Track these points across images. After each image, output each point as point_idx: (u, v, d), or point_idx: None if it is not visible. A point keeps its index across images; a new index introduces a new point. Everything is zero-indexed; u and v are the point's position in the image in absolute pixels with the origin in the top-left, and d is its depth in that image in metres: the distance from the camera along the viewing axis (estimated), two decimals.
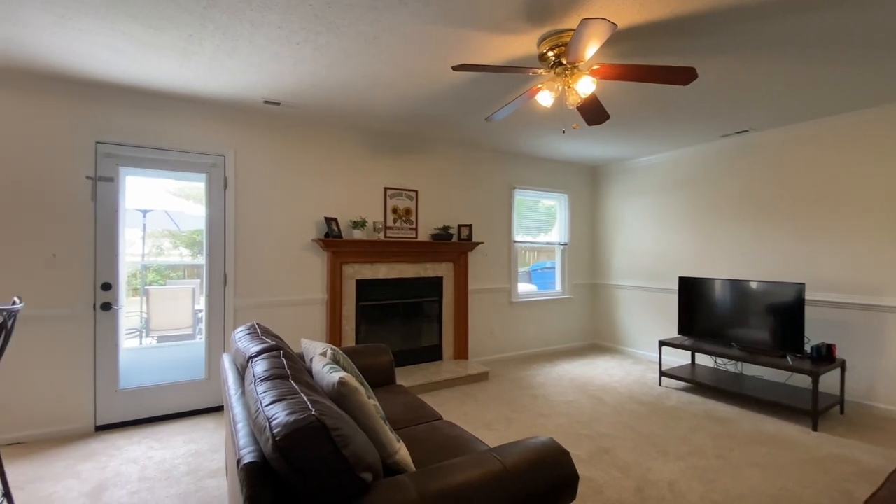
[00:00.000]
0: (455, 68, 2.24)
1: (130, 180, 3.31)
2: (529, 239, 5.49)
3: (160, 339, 5.27)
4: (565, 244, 5.69)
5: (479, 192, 4.95)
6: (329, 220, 3.89)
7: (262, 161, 3.69)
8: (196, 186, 3.61)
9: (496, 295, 5.08)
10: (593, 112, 2.80)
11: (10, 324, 1.72)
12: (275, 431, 1.08)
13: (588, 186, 5.89)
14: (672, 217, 4.93)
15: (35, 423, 2.91)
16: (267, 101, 3.34)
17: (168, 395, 3.32)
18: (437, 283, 4.59)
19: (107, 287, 3.10)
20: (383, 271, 4.24)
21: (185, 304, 5.45)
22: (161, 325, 5.26)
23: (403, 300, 4.41)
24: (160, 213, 5.75)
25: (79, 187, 3.03)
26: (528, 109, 3.58)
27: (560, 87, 2.44)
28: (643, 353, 5.24)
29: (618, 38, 2.36)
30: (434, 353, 4.59)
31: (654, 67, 2.21)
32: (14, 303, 1.84)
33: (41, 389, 2.93)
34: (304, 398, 1.26)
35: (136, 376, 3.30)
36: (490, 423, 3.27)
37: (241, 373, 1.80)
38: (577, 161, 5.57)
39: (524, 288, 5.57)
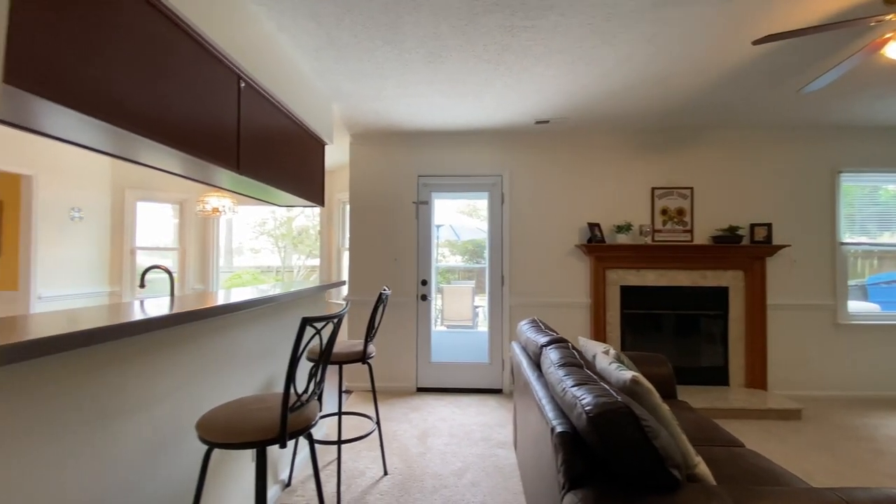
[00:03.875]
0: (757, 42, 1.95)
1: (437, 203, 4.27)
2: (865, 240, 4.07)
3: (449, 327, 6.51)
4: None
5: (779, 183, 4.02)
6: (592, 226, 3.96)
7: (531, 176, 4.10)
8: (470, 203, 4.32)
9: (812, 313, 3.98)
10: None
11: (384, 302, 2.53)
12: (587, 409, 1.22)
13: None
14: None
15: (383, 378, 4.10)
16: (538, 122, 3.71)
17: (461, 372, 4.08)
18: (720, 294, 3.98)
19: (424, 283, 4.09)
20: (651, 278, 3.99)
21: (466, 301, 6.55)
22: (450, 315, 6.49)
23: (676, 311, 4.01)
24: (446, 227, 7.09)
25: (409, 209, 4.13)
26: (863, 69, 2.71)
27: None
28: None
29: None
30: (717, 377, 3.97)
31: None
32: (385, 289, 2.69)
33: (389, 354, 4.11)
34: (606, 387, 1.37)
35: (438, 353, 4.20)
36: (809, 472, 2.60)
37: (534, 359, 2.07)
38: None
39: (857, 306, 4.15)
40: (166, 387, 1.50)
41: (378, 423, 2.59)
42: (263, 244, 10.87)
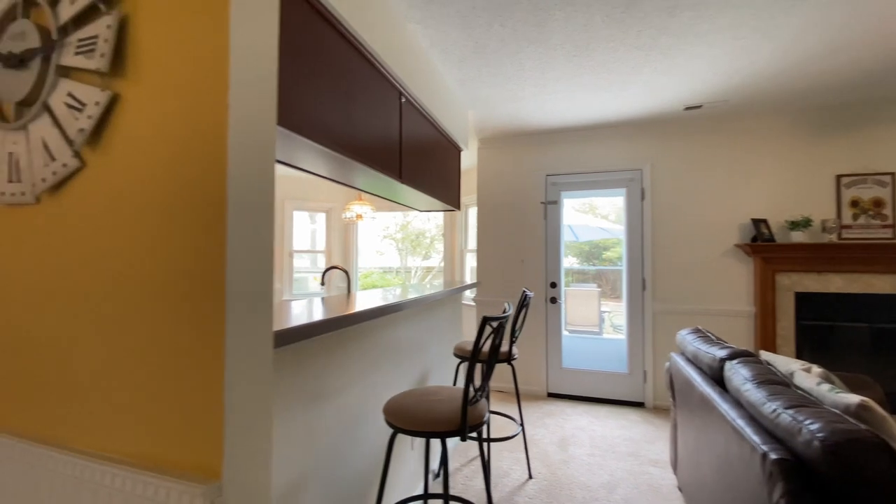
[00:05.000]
0: None
1: (566, 202, 4.13)
2: None
3: (572, 332, 6.25)
4: None
5: None
6: (757, 223, 3.44)
7: (678, 168, 3.72)
8: (586, 202, 4.06)
9: None
10: None
11: (527, 303, 2.51)
12: (820, 436, 1.04)
13: None
14: None
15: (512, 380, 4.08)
16: (688, 108, 3.36)
17: (595, 381, 3.87)
18: None
19: (553, 285, 3.98)
20: (837, 284, 3.32)
21: (592, 305, 6.23)
22: (573, 320, 6.23)
23: (873, 324, 3.28)
24: (564, 227, 6.79)
25: (536, 210, 4.06)
26: None
27: None
28: None
29: None
30: None
31: None
32: (527, 291, 2.67)
33: (518, 357, 4.08)
34: (835, 410, 1.16)
35: (566, 359, 4.03)
36: None
37: (711, 373, 1.86)
38: None
39: None
40: (352, 375, 1.68)
41: (522, 425, 2.57)
42: (385, 247, 11.74)
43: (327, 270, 2.46)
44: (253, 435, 0.83)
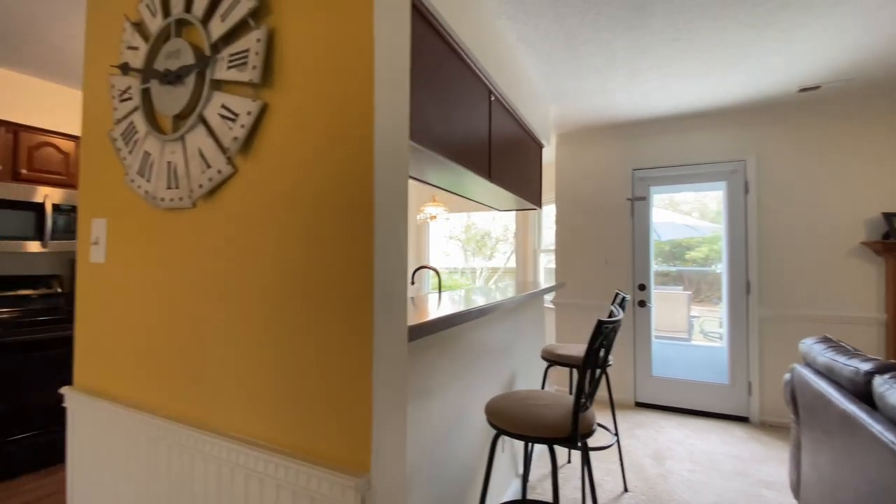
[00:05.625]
0: None
1: (657, 198, 3.87)
2: None
3: (657, 338, 5.85)
4: None
5: None
6: (890, 217, 2.98)
7: (789, 158, 3.34)
8: (664, 198, 3.73)
9: None
10: None
11: (623, 307, 2.37)
12: None
13: None
14: None
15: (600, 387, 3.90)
16: (803, 90, 2.99)
17: (690, 391, 3.58)
18: None
19: (641, 287, 3.74)
20: None
21: (681, 309, 5.80)
22: (659, 325, 5.83)
23: None
24: (653, 225, 6.34)
25: (621, 207, 3.85)
26: None
27: None
28: None
29: None
30: None
31: None
32: (621, 294, 2.53)
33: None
34: None
35: (658, 367, 3.77)
36: None
37: (852, 387, 1.62)
38: None
39: None
40: (451, 375, 1.68)
41: (617, 435, 2.44)
42: (451, 248, 11.85)
43: (417, 270, 2.50)
44: (394, 429, 0.84)
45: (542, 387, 2.66)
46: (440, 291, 2.30)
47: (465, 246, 11.92)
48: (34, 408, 2.46)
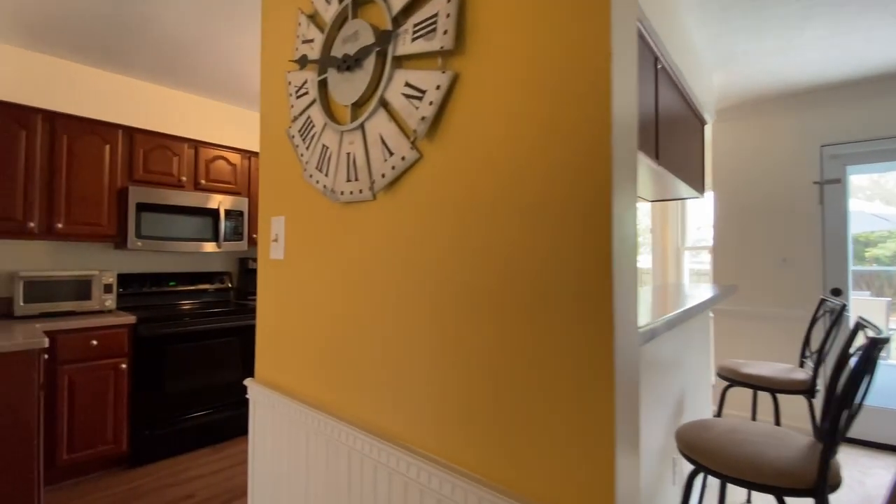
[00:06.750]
0: None
1: (854, 179, 3.06)
2: None
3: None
4: None
5: None
6: None
7: None
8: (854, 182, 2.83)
9: None
10: None
11: (843, 317, 1.85)
12: None
13: None
14: None
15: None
16: None
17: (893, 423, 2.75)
18: None
19: (836, 292, 2.99)
20: None
21: (875, 320, 4.62)
22: None
23: None
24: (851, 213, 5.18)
25: (806, 192, 3.12)
26: None
27: None
28: None
29: None
30: None
31: None
32: (831, 300, 1.99)
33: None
34: None
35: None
36: None
37: None
38: None
39: None
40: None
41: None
42: None
43: None
44: (632, 471, 0.65)
45: (719, 412, 2.23)
46: None
47: None
48: (208, 389, 2.79)
